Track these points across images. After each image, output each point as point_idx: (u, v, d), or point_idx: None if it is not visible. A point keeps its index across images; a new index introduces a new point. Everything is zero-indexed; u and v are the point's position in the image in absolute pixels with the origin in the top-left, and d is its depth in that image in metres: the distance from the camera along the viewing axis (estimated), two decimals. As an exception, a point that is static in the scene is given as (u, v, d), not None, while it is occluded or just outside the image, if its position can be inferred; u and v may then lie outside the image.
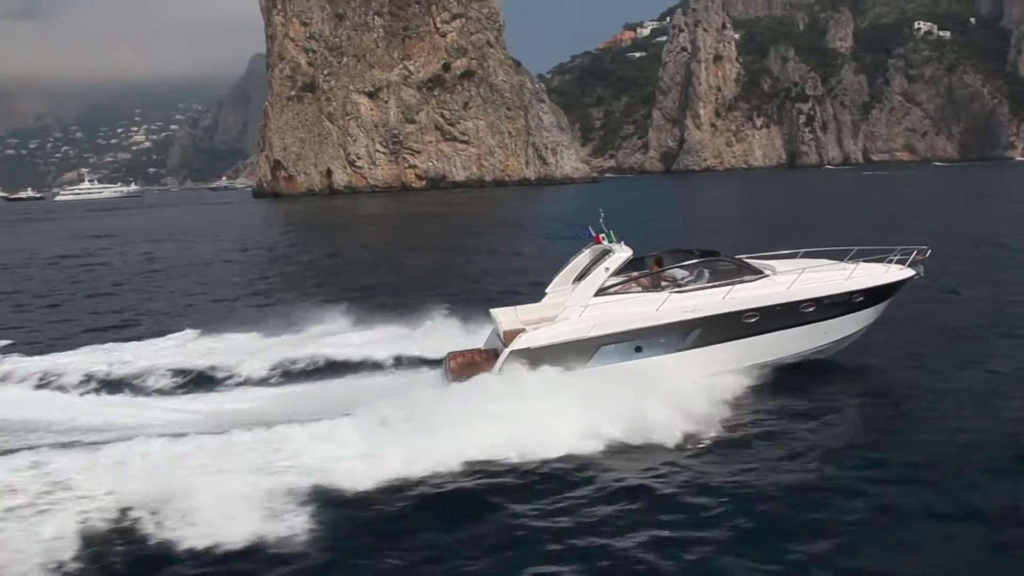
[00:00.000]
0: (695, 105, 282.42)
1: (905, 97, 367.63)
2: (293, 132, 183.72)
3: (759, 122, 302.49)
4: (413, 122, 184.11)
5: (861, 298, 18.47)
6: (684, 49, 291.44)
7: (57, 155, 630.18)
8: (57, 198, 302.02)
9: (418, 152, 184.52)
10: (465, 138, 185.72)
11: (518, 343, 16.73)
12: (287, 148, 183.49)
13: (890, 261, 19.10)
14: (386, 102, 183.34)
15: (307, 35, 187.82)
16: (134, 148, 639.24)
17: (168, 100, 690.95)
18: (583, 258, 19.29)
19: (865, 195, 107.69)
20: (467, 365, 17.76)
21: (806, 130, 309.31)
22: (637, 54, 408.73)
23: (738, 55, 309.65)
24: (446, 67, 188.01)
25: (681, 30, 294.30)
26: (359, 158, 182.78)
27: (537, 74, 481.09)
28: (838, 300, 18.17)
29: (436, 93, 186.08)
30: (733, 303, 17.29)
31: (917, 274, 19.14)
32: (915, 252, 19.16)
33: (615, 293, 17.49)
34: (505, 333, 17.64)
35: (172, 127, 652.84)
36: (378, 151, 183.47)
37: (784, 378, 17.99)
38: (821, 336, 18.50)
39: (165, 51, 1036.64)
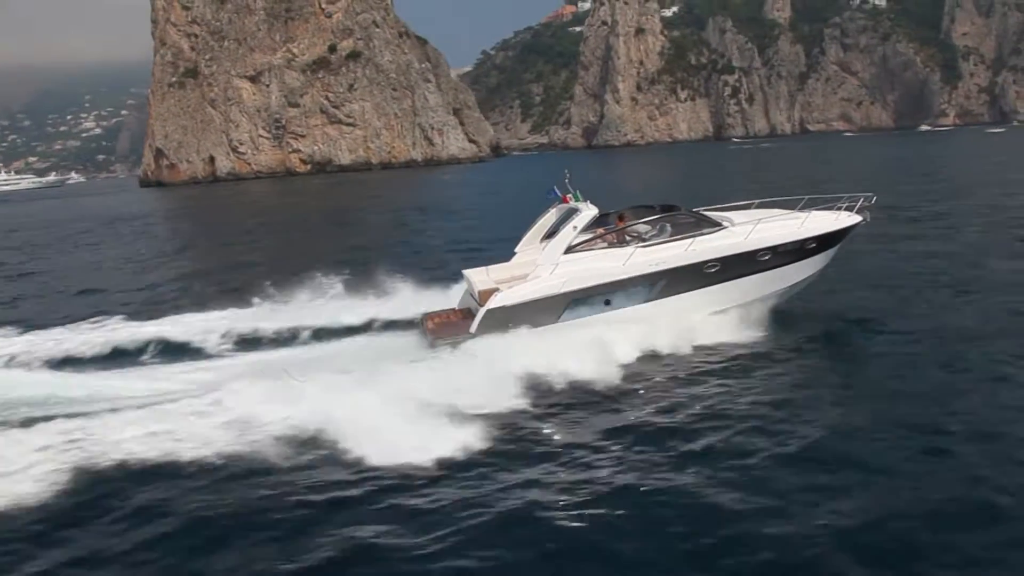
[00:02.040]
0: (614, 79, 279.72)
1: (841, 66, 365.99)
2: (175, 119, 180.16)
3: (683, 95, 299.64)
4: (297, 106, 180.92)
5: (813, 245, 19.65)
6: (605, 23, 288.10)
7: (4, 144, 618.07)
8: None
9: (302, 136, 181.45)
10: (351, 120, 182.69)
11: (493, 302, 17.72)
12: (168, 136, 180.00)
13: (839, 209, 20.28)
14: (268, 86, 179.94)
15: (189, 19, 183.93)
16: (84, 135, 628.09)
17: (119, 85, 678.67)
18: (550, 217, 20.28)
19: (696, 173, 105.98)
20: (444, 325, 18.92)
21: (731, 102, 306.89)
22: (578, 28, 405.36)
23: (663, 28, 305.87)
24: (332, 49, 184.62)
25: (602, 3, 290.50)
26: (242, 144, 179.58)
27: (481, 51, 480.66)
28: (792, 247, 19.33)
29: (321, 75, 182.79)
30: (695, 255, 18.45)
31: (864, 220, 20.35)
32: (861, 200, 20.37)
33: (583, 250, 18.49)
34: (480, 293, 18.47)
35: (123, 112, 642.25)
36: (261, 136, 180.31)
37: (746, 323, 19.24)
38: (778, 282, 19.70)
39: (117, 34, 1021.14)
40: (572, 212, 19.14)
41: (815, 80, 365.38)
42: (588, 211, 18.81)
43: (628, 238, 19.11)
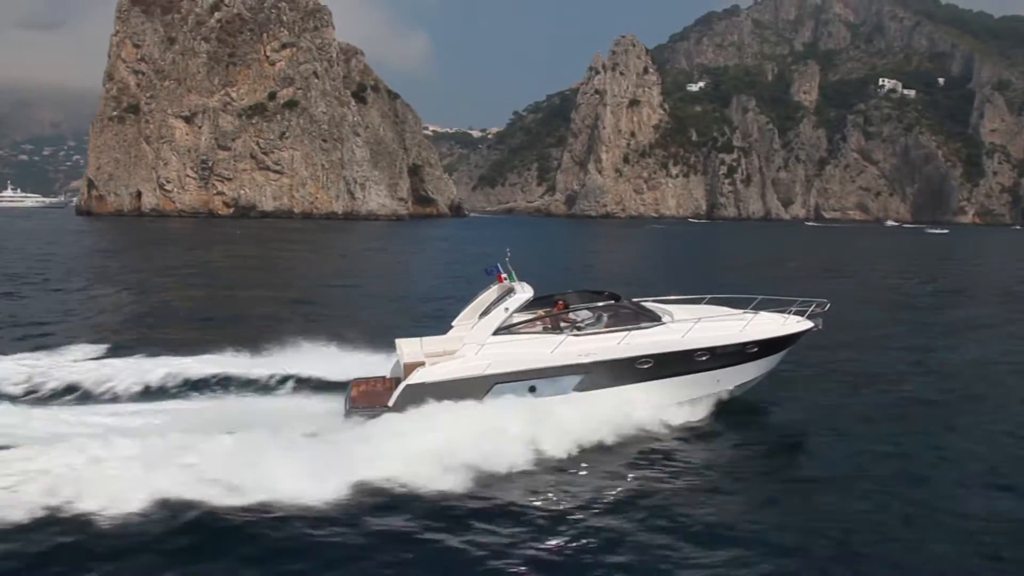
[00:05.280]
0: (598, 149, 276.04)
1: (861, 154, 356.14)
2: (110, 152, 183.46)
3: (675, 170, 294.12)
4: (227, 149, 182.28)
5: (755, 349, 18.89)
6: (598, 91, 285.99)
7: (68, 163, 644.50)
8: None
9: (229, 179, 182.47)
10: (279, 168, 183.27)
11: (414, 378, 17.24)
12: (100, 168, 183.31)
13: (790, 313, 19.59)
14: (200, 127, 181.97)
15: (138, 57, 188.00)
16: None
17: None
18: (491, 293, 19.72)
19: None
20: (366, 394, 18.28)
21: (726, 182, 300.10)
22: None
23: (663, 102, 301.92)
24: (272, 96, 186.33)
25: (598, 72, 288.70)
26: (169, 182, 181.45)
27: (513, 111, 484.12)
28: (731, 350, 18.63)
29: (255, 121, 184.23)
30: (627, 349, 17.83)
31: (815, 326, 19.54)
32: (814, 305, 19.73)
33: (513, 333, 17.99)
34: (405, 365, 18.00)
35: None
36: (188, 176, 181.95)
37: (679, 422, 18.53)
38: (714, 384, 18.94)
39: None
40: (509, 292, 18.73)
41: (833, 166, 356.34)
42: (522, 293, 18.36)
43: (562, 324, 18.57)
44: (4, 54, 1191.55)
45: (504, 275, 19.43)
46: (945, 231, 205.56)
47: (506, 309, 18.05)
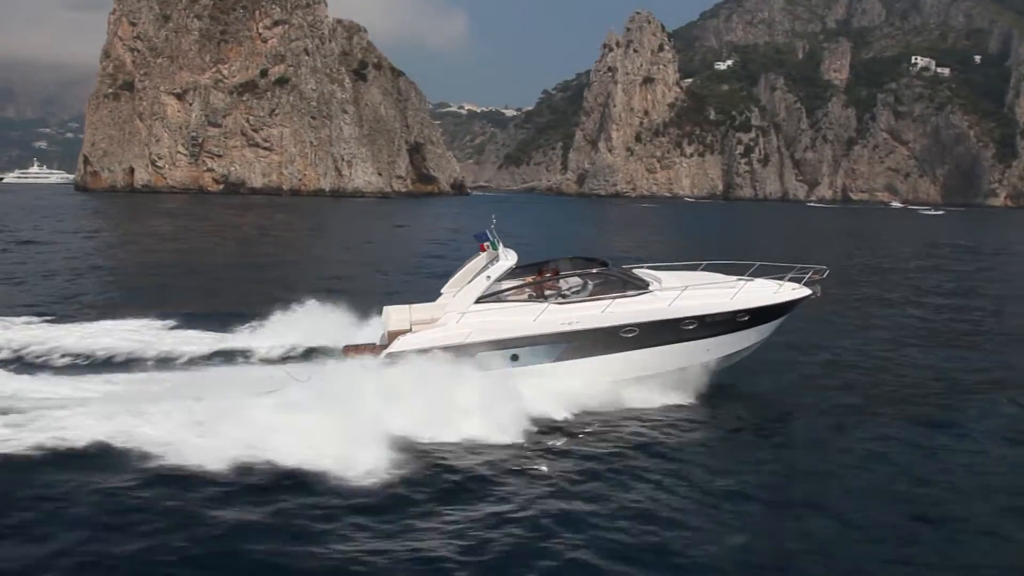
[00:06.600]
0: (608, 128, 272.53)
1: (891, 135, 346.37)
2: (105, 129, 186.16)
3: (690, 149, 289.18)
4: (218, 126, 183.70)
5: (746, 317, 18.26)
6: (611, 69, 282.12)
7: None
8: (4, 180, 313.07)
9: (219, 156, 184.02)
10: (268, 145, 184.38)
11: (395, 346, 17.17)
12: (95, 144, 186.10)
13: (786, 280, 19.02)
14: (191, 104, 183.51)
15: (134, 35, 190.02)
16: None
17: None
18: (480, 260, 19.27)
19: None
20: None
21: (742, 161, 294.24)
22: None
23: (679, 80, 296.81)
24: (264, 73, 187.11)
25: (611, 50, 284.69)
26: (160, 158, 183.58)
27: (543, 90, 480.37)
28: (721, 319, 18.02)
29: (245, 98, 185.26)
30: (611, 317, 17.35)
31: (814, 294, 18.82)
32: (812, 272, 19.04)
33: (496, 301, 17.72)
34: (389, 333, 18.05)
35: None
36: (179, 152, 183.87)
37: (664, 393, 18.06)
38: (703, 353, 18.32)
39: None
40: (495, 259, 18.38)
41: (862, 147, 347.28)
42: (505, 261, 17.99)
43: (547, 292, 18.29)
44: (53, 34, 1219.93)
45: (487, 244, 18.90)
46: (940, 212, 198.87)
47: (488, 277, 17.64)
